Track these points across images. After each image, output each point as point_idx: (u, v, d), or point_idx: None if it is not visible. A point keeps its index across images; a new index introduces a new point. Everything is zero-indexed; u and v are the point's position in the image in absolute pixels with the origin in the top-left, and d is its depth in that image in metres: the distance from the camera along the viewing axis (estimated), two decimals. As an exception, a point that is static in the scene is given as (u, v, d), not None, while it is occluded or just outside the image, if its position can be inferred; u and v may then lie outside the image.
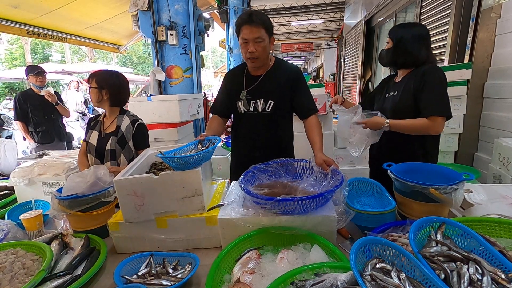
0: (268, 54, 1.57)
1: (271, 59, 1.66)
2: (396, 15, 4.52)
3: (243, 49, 1.54)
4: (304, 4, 9.16)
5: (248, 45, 1.49)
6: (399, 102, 1.57)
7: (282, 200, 1.01)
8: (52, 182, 1.54)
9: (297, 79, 1.64)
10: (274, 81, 1.62)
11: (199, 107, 3.56)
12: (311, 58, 21.39)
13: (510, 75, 2.27)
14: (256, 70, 1.64)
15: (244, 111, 1.67)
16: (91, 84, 1.71)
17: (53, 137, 3.40)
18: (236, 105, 1.68)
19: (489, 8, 2.42)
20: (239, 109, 1.68)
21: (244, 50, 1.52)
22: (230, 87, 1.71)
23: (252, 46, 1.49)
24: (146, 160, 1.46)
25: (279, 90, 1.62)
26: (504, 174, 1.96)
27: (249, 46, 1.49)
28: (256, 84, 1.63)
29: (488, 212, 1.14)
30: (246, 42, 1.50)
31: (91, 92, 1.71)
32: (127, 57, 25.26)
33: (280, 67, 1.65)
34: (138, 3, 3.54)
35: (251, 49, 1.49)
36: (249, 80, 1.65)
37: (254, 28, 1.46)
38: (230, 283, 0.89)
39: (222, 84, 1.79)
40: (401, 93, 1.58)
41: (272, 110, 1.62)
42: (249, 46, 1.49)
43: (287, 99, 1.65)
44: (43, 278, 0.91)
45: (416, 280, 0.67)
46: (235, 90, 1.67)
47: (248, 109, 1.65)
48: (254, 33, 1.47)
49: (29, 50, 17.48)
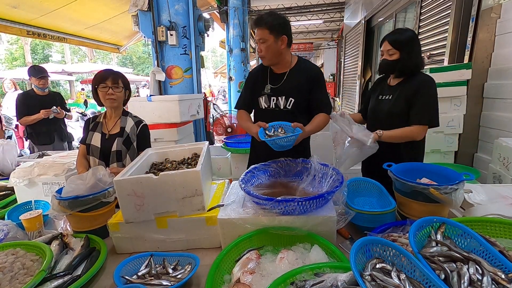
0: (275, 53, 1.63)
1: (294, 58, 1.74)
2: (396, 15, 4.52)
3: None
4: (304, 4, 9.16)
5: (258, 45, 1.63)
6: (394, 106, 1.64)
7: (282, 201, 1.01)
8: (52, 182, 1.54)
9: (317, 78, 1.71)
10: (295, 79, 1.69)
11: (199, 107, 3.56)
12: (311, 58, 21.38)
13: (510, 75, 2.27)
14: (277, 68, 1.73)
15: (265, 107, 1.75)
16: (117, 84, 1.67)
17: (53, 138, 3.38)
18: (258, 101, 1.77)
19: (489, 8, 2.42)
20: (260, 105, 1.76)
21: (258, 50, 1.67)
22: (253, 83, 1.80)
23: (259, 46, 1.63)
24: (146, 160, 1.46)
25: (299, 88, 1.69)
26: (504, 174, 1.95)
27: (258, 46, 1.64)
28: (278, 81, 1.71)
29: (488, 212, 1.13)
30: (257, 43, 1.64)
31: (116, 92, 1.67)
32: (127, 57, 25.28)
33: (301, 66, 1.72)
34: (138, 3, 3.53)
35: (258, 49, 1.64)
36: (272, 78, 1.74)
37: (259, 30, 1.59)
38: (230, 283, 0.89)
39: (246, 81, 1.90)
40: (396, 98, 1.64)
41: (292, 108, 1.69)
42: (258, 46, 1.64)
43: (306, 97, 1.71)
44: (43, 278, 0.91)
45: (416, 280, 0.67)
46: (259, 86, 1.76)
47: (269, 105, 1.74)
48: (259, 35, 1.60)
49: (29, 50, 17.48)
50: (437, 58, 3.13)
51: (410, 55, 1.58)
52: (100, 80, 1.65)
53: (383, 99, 1.72)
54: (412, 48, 1.58)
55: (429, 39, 3.27)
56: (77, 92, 15.80)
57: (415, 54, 1.60)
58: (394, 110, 1.63)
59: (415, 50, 1.60)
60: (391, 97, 1.67)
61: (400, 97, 1.61)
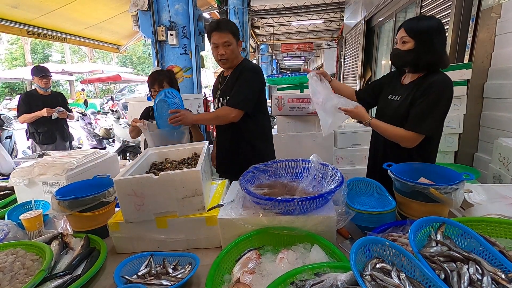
0: (236, 56, 1.79)
1: (239, 60, 1.84)
2: (396, 15, 4.52)
3: (214, 52, 1.77)
4: (304, 4, 9.16)
5: (219, 48, 1.72)
6: (399, 109, 1.45)
7: (282, 201, 1.01)
8: (52, 182, 1.54)
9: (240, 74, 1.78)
10: (232, 79, 1.81)
11: (199, 107, 3.56)
12: (311, 58, 21.40)
13: (510, 75, 2.27)
14: (226, 71, 1.89)
15: (216, 108, 1.94)
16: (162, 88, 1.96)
17: (54, 138, 3.40)
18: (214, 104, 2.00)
19: (489, 8, 2.42)
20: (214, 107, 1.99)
21: (215, 53, 1.75)
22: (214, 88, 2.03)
23: (221, 50, 1.72)
24: (146, 160, 1.46)
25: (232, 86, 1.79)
26: (504, 174, 1.95)
27: (219, 50, 1.72)
28: (223, 83, 1.88)
29: (488, 212, 1.13)
30: (216, 46, 1.73)
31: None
32: (127, 57, 25.29)
33: (239, 66, 1.83)
34: (138, 3, 3.54)
35: (220, 53, 1.73)
36: (222, 81, 1.91)
37: (223, 34, 1.70)
38: (230, 283, 0.89)
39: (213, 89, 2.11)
40: (403, 99, 1.44)
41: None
42: (219, 49, 1.72)
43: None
44: (43, 278, 0.90)
45: (416, 280, 0.67)
46: (214, 91, 1.98)
47: (219, 106, 1.89)
48: (223, 38, 1.70)
49: (29, 50, 17.50)
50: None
51: (428, 47, 1.32)
52: (150, 86, 2.03)
53: (392, 99, 1.52)
54: (431, 39, 1.32)
55: (429, 39, 3.27)
56: (77, 92, 15.81)
57: (435, 48, 1.33)
58: (398, 114, 1.44)
59: (436, 42, 1.32)
60: (399, 98, 1.47)
61: (408, 99, 1.41)
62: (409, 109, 1.40)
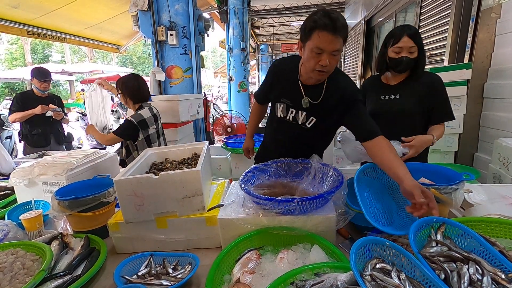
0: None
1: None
2: (396, 15, 4.52)
3: (312, 59, 1.21)
4: (304, 4, 9.15)
5: (322, 56, 1.19)
6: (405, 105, 1.59)
7: (282, 201, 1.01)
8: (52, 182, 1.54)
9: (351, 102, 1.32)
10: (332, 99, 1.35)
11: (199, 107, 3.56)
12: (311, 58, 21.35)
13: (510, 75, 2.27)
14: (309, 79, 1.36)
15: (281, 116, 1.49)
16: None
17: (49, 141, 3.26)
18: (275, 107, 1.51)
19: (489, 8, 2.42)
20: (276, 112, 1.51)
21: (314, 60, 1.21)
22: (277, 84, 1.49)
23: (326, 59, 1.19)
24: (146, 160, 1.46)
25: (325, 110, 1.38)
26: (504, 174, 1.95)
27: (322, 58, 1.19)
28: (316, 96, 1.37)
29: (488, 212, 1.13)
30: (320, 53, 1.19)
31: None
32: (127, 57, 25.29)
33: (334, 82, 1.35)
34: (138, 3, 3.54)
35: (324, 62, 1.20)
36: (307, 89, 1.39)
37: (336, 39, 1.15)
38: (230, 283, 0.89)
39: (267, 75, 1.56)
40: (406, 96, 1.59)
41: (311, 127, 1.43)
42: (323, 57, 1.19)
43: (333, 120, 1.41)
44: (43, 278, 0.90)
45: (416, 280, 0.67)
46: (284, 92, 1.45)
47: (286, 116, 1.47)
48: (337, 45, 1.17)
49: (29, 50, 17.50)
50: (437, 58, 3.13)
51: (423, 51, 1.54)
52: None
53: (388, 99, 1.64)
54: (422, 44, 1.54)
55: (429, 39, 3.27)
56: (77, 92, 15.81)
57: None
58: (406, 109, 1.58)
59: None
60: (398, 96, 1.61)
61: (412, 96, 1.57)
62: (416, 106, 1.57)
